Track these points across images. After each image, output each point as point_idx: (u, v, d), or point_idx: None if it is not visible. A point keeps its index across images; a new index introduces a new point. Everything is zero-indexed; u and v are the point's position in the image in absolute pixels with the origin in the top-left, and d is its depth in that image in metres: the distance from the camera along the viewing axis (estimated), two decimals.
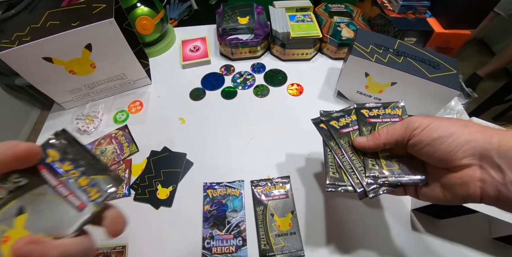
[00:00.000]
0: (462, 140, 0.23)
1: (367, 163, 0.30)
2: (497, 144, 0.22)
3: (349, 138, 0.33)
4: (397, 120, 0.32)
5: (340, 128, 0.34)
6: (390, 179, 0.29)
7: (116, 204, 0.46)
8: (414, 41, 0.61)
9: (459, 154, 0.23)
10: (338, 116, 0.35)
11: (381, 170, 0.29)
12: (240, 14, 0.63)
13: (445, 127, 0.24)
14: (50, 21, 0.45)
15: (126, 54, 0.52)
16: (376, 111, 0.34)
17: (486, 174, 0.22)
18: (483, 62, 1.64)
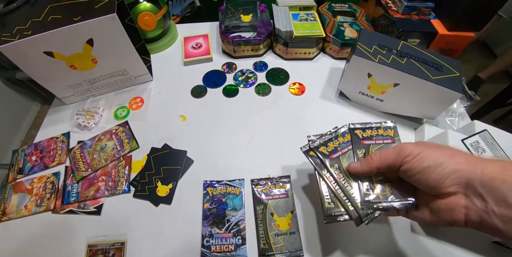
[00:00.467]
0: (449, 170, 0.25)
1: (362, 188, 0.31)
2: (480, 174, 0.23)
3: (339, 164, 0.34)
4: (389, 142, 0.34)
5: (329, 153, 0.35)
6: (384, 204, 0.30)
7: (115, 201, 0.47)
8: (417, 42, 0.61)
9: (447, 183, 0.25)
10: (326, 140, 0.36)
11: (375, 196, 0.31)
12: (243, 12, 0.63)
13: (434, 157, 0.25)
14: (52, 15, 0.45)
15: (128, 50, 0.52)
16: (369, 132, 0.35)
17: (470, 202, 0.24)
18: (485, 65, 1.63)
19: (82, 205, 0.44)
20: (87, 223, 0.43)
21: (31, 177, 0.48)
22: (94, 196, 0.44)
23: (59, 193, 0.45)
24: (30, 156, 0.50)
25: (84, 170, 0.47)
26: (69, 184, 0.46)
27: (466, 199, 0.24)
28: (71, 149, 0.50)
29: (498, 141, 0.41)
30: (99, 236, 0.41)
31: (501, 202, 0.22)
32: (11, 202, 0.45)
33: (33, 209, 0.44)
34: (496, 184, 0.23)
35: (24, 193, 0.46)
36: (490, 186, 0.23)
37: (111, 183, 0.46)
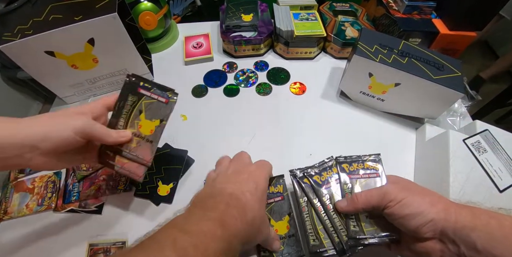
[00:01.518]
0: (428, 218, 0.27)
1: (349, 225, 0.33)
2: (453, 222, 0.26)
3: (330, 194, 0.35)
4: (374, 176, 0.35)
5: (322, 183, 0.36)
6: (370, 241, 0.32)
7: (116, 200, 0.47)
8: (418, 42, 0.60)
9: (425, 229, 0.27)
10: (321, 169, 0.37)
11: (361, 232, 0.32)
12: (244, 11, 0.63)
13: (416, 205, 0.28)
14: (53, 15, 0.45)
15: (129, 49, 0.52)
16: (355, 166, 0.37)
17: (445, 247, 0.27)
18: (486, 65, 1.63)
19: (83, 204, 0.44)
20: (88, 222, 0.43)
21: (33, 177, 0.48)
22: (95, 195, 0.44)
23: (60, 192, 0.45)
24: None
25: (85, 169, 0.47)
26: (70, 184, 0.46)
27: (441, 244, 0.27)
28: None
29: (500, 141, 0.41)
30: (100, 235, 0.41)
31: (471, 248, 0.25)
32: (12, 201, 0.45)
33: (34, 208, 0.44)
34: (466, 232, 0.25)
35: (25, 192, 0.46)
36: (461, 234, 0.25)
37: (112, 183, 0.46)
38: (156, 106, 0.35)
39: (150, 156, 0.35)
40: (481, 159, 0.40)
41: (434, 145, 0.45)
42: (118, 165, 0.35)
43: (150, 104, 0.35)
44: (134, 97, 0.35)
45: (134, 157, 0.35)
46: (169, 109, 0.35)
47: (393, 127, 0.53)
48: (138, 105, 0.35)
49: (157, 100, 0.35)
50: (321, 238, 0.34)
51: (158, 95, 0.35)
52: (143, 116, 0.35)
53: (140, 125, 0.35)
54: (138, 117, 0.35)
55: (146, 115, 0.35)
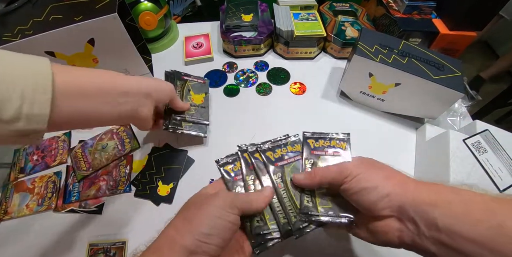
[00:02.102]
0: (384, 193, 0.25)
1: (302, 199, 0.31)
2: (412, 198, 0.24)
3: (282, 173, 0.33)
4: (339, 155, 0.34)
5: (275, 160, 0.34)
6: (322, 218, 0.30)
7: (116, 200, 0.47)
8: (418, 42, 0.60)
9: (380, 206, 0.26)
10: (275, 146, 0.35)
11: (314, 209, 0.30)
12: (244, 11, 0.63)
13: (371, 179, 0.27)
14: (53, 15, 0.45)
15: (129, 50, 0.52)
16: (321, 142, 0.35)
17: (403, 226, 0.25)
18: (486, 65, 1.63)
19: (83, 204, 0.44)
20: (88, 222, 0.43)
21: (33, 177, 0.48)
22: (95, 195, 0.44)
23: (60, 193, 0.46)
24: (31, 155, 0.51)
25: (85, 169, 0.47)
26: (70, 184, 0.46)
27: (399, 223, 0.25)
28: (72, 148, 0.50)
29: (500, 141, 0.41)
30: (100, 235, 0.41)
31: (431, 225, 0.23)
32: (12, 201, 0.45)
33: (34, 208, 0.44)
34: (426, 208, 0.23)
35: (25, 192, 0.46)
36: (421, 210, 0.24)
37: (112, 183, 0.46)
38: (198, 85, 0.52)
39: (208, 118, 0.49)
40: (481, 159, 0.40)
41: (434, 145, 0.45)
42: (184, 130, 0.46)
43: (194, 84, 0.51)
44: (181, 81, 0.50)
45: (195, 119, 0.48)
46: (207, 87, 0.53)
47: (393, 127, 0.53)
48: (186, 86, 0.50)
49: (197, 81, 0.52)
50: (266, 219, 0.31)
51: (197, 79, 0.52)
52: (192, 93, 0.50)
53: (192, 98, 0.49)
54: (189, 93, 0.50)
55: (194, 91, 0.50)
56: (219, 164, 0.35)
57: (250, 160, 0.34)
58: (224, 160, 0.35)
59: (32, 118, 0.23)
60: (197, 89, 0.51)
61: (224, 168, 0.35)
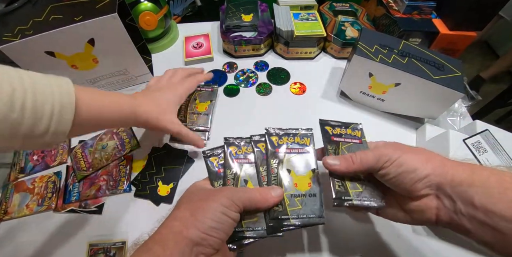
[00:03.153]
0: (423, 175, 0.26)
1: (334, 183, 0.31)
2: (450, 178, 0.25)
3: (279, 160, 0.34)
4: (357, 142, 0.34)
5: (278, 146, 0.35)
6: (355, 202, 0.30)
7: (116, 200, 0.46)
8: (418, 42, 0.60)
9: (419, 186, 0.26)
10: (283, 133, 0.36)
11: (346, 193, 0.30)
12: (244, 11, 0.63)
13: (410, 162, 0.27)
14: (53, 15, 0.45)
15: (129, 50, 0.52)
16: (338, 130, 0.35)
17: (441, 203, 0.26)
18: (486, 65, 1.63)
19: (83, 204, 0.44)
20: (88, 222, 0.43)
21: (33, 177, 0.48)
22: (95, 195, 0.44)
23: (60, 193, 0.45)
24: (31, 155, 0.51)
25: (85, 169, 0.47)
26: (71, 184, 0.46)
27: (437, 200, 0.26)
28: (72, 148, 0.50)
29: (500, 141, 0.41)
30: (100, 235, 0.41)
31: (468, 203, 0.24)
32: (13, 201, 0.45)
33: (34, 208, 0.44)
34: (463, 188, 0.24)
35: (25, 192, 0.46)
36: (458, 189, 0.25)
37: (112, 183, 0.46)
38: (206, 93, 0.54)
39: (208, 123, 0.51)
40: (482, 159, 0.40)
41: (434, 145, 0.45)
42: None
43: (202, 94, 0.54)
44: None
45: (196, 127, 0.51)
46: (215, 94, 0.55)
47: (393, 127, 0.53)
48: (193, 96, 0.54)
49: (205, 90, 0.55)
50: (286, 205, 0.31)
51: (206, 87, 0.55)
52: (198, 101, 0.53)
53: (197, 107, 0.53)
54: (194, 102, 0.53)
55: (200, 100, 0.54)
56: (204, 155, 0.36)
57: (253, 149, 0.35)
58: (210, 152, 0.36)
59: (56, 134, 0.27)
60: (204, 98, 0.54)
61: (209, 159, 0.36)
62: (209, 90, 0.55)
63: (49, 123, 0.26)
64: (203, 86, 0.55)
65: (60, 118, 0.27)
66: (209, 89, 0.55)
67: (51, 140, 0.27)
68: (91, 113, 0.32)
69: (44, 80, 0.28)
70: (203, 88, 0.55)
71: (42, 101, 0.26)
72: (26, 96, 0.25)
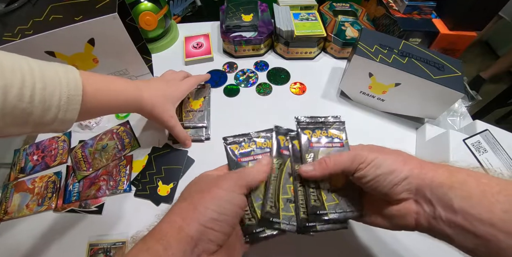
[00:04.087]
0: (401, 177, 0.25)
1: (309, 199, 0.29)
2: (430, 180, 0.24)
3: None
4: (338, 146, 0.32)
5: (239, 155, 0.33)
6: (331, 216, 0.29)
7: (116, 200, 0.46)
8: (419, 42, 0.60)
9: (398, 190, 0.25)
10: (240, 140, 0.34)
11: (322, 206, 0.29)
12: (244, 12, 0.63)
13: (387, 164, 0.26)
14: (53, 15, 0.45)
15: (129, 50, 0.52)
16: (319, 133, 0.33)
17: (420, 208, 0.25)
18: (487, 65, 1.63)
19: (83, 204, 0.44)
20: (88, 222, 0.43)
21: (33, 177, 0.48)
22: (95, 195, 0.44)
23: (60, 193, 0.46)
24: (31, 155, 0.51)
25: (85, 169, 0.47)
26: (71, 184, 0.46)
27: (416, 205, 0.25)
28: (72, 148, 0.50)
29: (500, 141, 0.41)
30: (100, 235, 0.41)
31: (448, 207, 0.23)
32: (13, 201, 0.45)
33: (34, 208, 0.44)
34: (443, 190, 0.23)
35: (25, 193, 0.46)
36: (438, 192, 0.24)
37: (112, 183, 0.46)
38: (198, 91, 0.56)
39: (205, 120, 0.52)
40: (482, 159, 0.40)
41: (434, 145, 0.45)
42: None
43: (193, 91, 0.55)
44: None
45: (192, 124, 0.51)
46: (208, 90, 0.56)
47: (393, 127, 0.53)
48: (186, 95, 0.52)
49: (197, 87, 0.56)
50: (280, 208, 0.29)
51: (198, 85, 0.56)
52: (191, 99, 0.54)
53: (191, 105, 0.54)
54: (188, 101, 0.54)
55: (193, 98, 0.55)
56: (226, 143, 0.34)
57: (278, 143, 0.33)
58: (232, 139, 0.34)
59: (64, 121, 0.30)
60: (196, 95, 0.55)
61: (230, 147, 0.34)
62: (201, 87, 0.56)
63: (57, 112, 0.28)
64: None
65: (68, 107, 0.29)
66: (200, 86, 0.56)
67: (59, 127, 0.30)
68: (98, 102, 0.33)
69: (52, 70, 0.29)
70: None
71: (50, 92, 0.27)
72: (35, 87, 0.26)
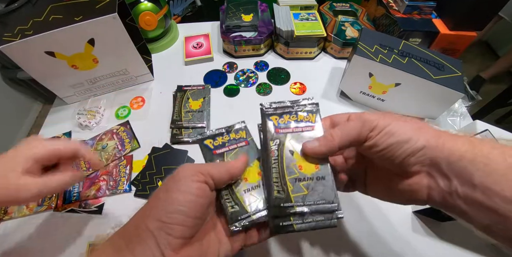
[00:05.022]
0: (417, 147, 0.22)
1: (271, 190, 0.26)
2: (447, 152, 0.21)
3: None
4: (309, 129, 0.28)
5: (214, 148, 0.31)
6: (298, 209, 0.25)
7: (117, 200, 0.46)
8: (419, 42, 0.60)
9: (413, 160, 0.23)
10: (215, 133, 0.32)
11: (287, 198, 0.25)
12: (244, 12, 0.63)
13: (402, 131, 0.23)
14: (53, 15, 0.45)
15: (129, 50, 0.52)
16: (287, 117, 0.30)
17: (434, 182, 0.22)
18: (487, 65, 1.63)
19: (83, 204, 0.44)
20: (89, 222, 0.43)
21: None
22: (95, 195, 0.44)
23: (60, 193, 0.45)
24: None
25: (85, 169, 0.47)
26: None
27: (429, 179, 0.23)
28: None
29: (500, 141, 0.41)
30: (100, 235, 0.41)
31: (466, 182, 0.20)
32: None
33: (34, 208, 0.44)
34: (463, 164, 0.20)
35: None
36: (456, 165, 0.21)
37: (112, 183, 0.46)
38: (198, 92, 0.56)
39: (204, 120, 0.52)
40: None
41: None
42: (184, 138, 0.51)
43: (193, 92, 0.56)
44: (181, 93, 0.56)
45: (191, 124, 0.52)
46: (207, 91, 0.57)
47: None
48: (185, 96, 0.55)
49: (196, 89, 0.57)
50: (289, 191, 0.26)
51: (197, 87, 0.57)
52: (191, 100, 0.55)
53: (190, 105, 0.54)
54: (188, 101, 0.55)
55: (192, 98, 0.55)
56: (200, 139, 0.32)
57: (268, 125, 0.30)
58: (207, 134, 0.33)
59: None
60: (196, 96, 0.55)
61: (204, 142, 0.32)
62: (200, 88, 0.57)
63: None
64: (194, 85, 0.57)
65: None
66: (200, 87, 0.57)
67: None
68: None
69: None
70: (194, 86, 0.57)
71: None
72: None
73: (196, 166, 0.25)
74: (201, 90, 0.56)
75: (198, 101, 0.55)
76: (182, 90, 0.56)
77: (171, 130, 0.51)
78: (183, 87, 0.57)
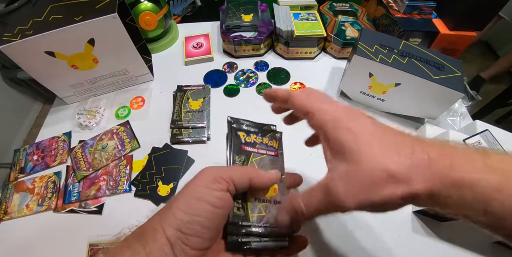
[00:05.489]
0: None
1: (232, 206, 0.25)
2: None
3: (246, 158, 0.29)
4: (272, 154, 0.30)
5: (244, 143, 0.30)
6: (254, 229, 0.25)
7: (117, 200, 0.46)
8: (419, 42, 0.60)
9: None
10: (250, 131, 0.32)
11: (246, 217, 0.25)
12: (244, 12, 0.63)
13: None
14: (53, 15, 0.45)
15: (129, 50, 0.52)
16: (253, 137, 0.31)
17: None
18: (487, 65, 1.63)
19: (83, 204, 0.44)
20: (89, 222, 0.43)
21: (33, 177, 0.48)
22: (95, 195, 0.44)
23: (60, 193, 0.45)
24: (31, 155, 0.51)
25: (85, 169, 0.47)
26: (70, 184, 0.46)
27: None
28: (72, 148, 0.50)
29: (500, 141, 0.41)
30: (100, 236, 0.41)
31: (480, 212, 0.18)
32: (13, 201, 0.45)
33: (34, 209, 0.44)
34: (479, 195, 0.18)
35: (25, 193, 0.46)
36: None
37: (112, 183, 0.46)
38: (198, 92, 0.56)
39: (204, 120, 0.52)
40: None
41: None
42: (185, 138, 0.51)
43: (193, 92, 0.56)
44: (181, 93, 0.56)
45: (191, 124, 0.51)
46: (207, 91, 0.56)
47: (393, 127, 0.53)
48: (185, 96, 0.55)
49: (196, 89, 0.56)
50: (248, 210, 0.26)
51: (197, 87, 0.57)
52: (191, 100, 0.55)
53: (190, 105, 0.54)
54: (188, 101, 0.55)
55: (192, 98, 0.55)
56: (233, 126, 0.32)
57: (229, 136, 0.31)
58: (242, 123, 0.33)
59: None
60: (196, 96, 0.55)
61: (237, 133, 0.31)
62: (200, 88, 0.56)
63: None
64: (194, 85, 0.57)
65: None
66: (200, 87, 0.56)
67: None
68: None
69: None
70: (194, 86, 0.57)
71: None
72: None
73: (217, 170, 0.24)
74: (201, 90, 0.56)
75: (198, 101, 0.54)
76: (182, 90, 0.56)
77: (171, 130, 0.51)
78: (183, 87, 0.57)
